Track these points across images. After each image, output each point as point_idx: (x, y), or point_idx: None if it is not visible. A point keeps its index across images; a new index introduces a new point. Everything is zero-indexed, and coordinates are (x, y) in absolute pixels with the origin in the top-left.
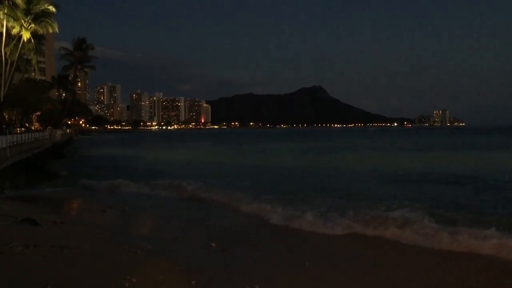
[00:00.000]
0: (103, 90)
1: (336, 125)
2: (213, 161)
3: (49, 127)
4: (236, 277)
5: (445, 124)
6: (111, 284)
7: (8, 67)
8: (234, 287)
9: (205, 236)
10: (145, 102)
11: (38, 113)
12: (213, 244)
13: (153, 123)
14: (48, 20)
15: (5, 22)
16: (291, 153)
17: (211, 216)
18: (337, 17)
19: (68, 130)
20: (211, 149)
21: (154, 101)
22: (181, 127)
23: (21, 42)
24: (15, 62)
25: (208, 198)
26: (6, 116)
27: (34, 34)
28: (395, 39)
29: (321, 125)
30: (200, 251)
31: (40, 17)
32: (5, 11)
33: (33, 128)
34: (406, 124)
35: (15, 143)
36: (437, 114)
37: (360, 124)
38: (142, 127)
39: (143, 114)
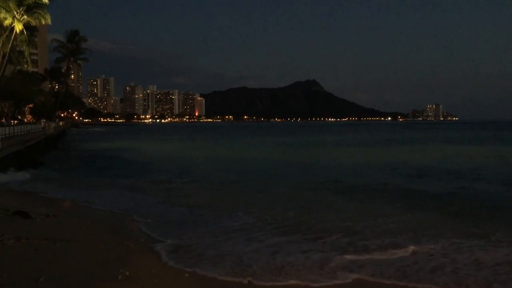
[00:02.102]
0: (97, 82)
1: (330, 119)
2: (198, 155)
3: (43, 119)
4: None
5: (439, 118)
6: (103, 277)
7: (0, 59)
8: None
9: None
10: (139, 95)
11: (31, 105)
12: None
13: (147, 116)
14: (41, 12)
15: None
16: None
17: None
18: (331, 12)
19: (61, 123)
20: (200, 143)
21: (148, 94)
22: (175, 120)
23: (14, 34)
24: (7, 54)
25: None
26: None
27: (26, 25)
28: (389, 34)
29: (315, 119)
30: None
31: (32, 8)
32: None
33: (25, 120)
34: (400, 118)
35: (7, 135)
36: (430, 108)
37: (354, 118)
38: (136, 120)
39: (136, 107)
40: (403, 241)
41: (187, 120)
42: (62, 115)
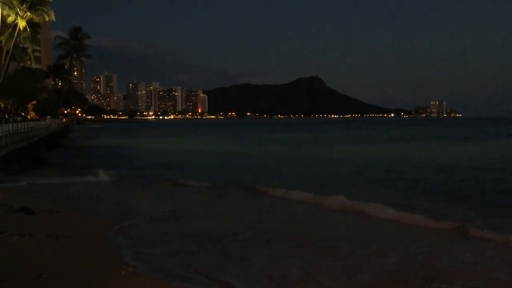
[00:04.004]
0: (100, 79)
1: (333, 116)
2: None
3: (48, 117)
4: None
5: (442, 115)
6: (107, 273)
7: (3, 55)
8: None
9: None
10: (142, 92)
11: (34, 102)
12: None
13: (150, 113)
14: (44, 8)
15: (0, 10)
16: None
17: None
18: (334, 8)
19: (64, 120)
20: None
21: (151, 90)
22: (178, 117)
23: (17, 31)
24: (10, 51)
25: None
26: (2, 105)
27: (29, 22)
28: (392, 30)
29: (318, 115)
30: (198, 239)
31: (36, 5)
32: None
33: (29, 117)
34: (403, 115)
35: (11, 132)
36: (434, 105)
37: (357, 115)
38: (139, 117)
39: (139, 104)
40: None
41: (190, 117)
42: (65, 112)
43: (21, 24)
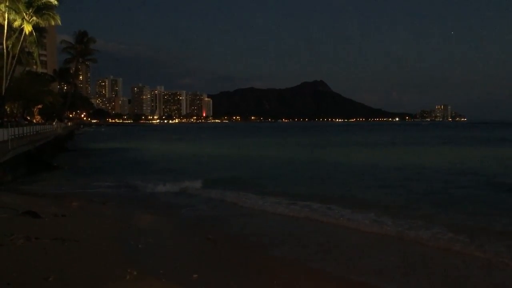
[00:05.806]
0: (105, 83)
1: (337, 120)
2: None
3: (56, 120)
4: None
5: (447, 119)
6: (112, 276)
7: (9, 60)
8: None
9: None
10: (147, 96)
11: (40, 106)
12: (210, 236)
13: (155, 117)
14: (50, 13)
15: (6, 15)
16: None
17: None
18: (339, 12)
19: (69, 123)
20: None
21: (156, 94)
22: (183, 120)
23: (23, 35)
24: (16, 55)
25: None
26: (8, 109)
27: (35, 27)
28: (397, 34)
29: (323, 119)
30: (200, 243)
31: (42, 10)
32: (7, 4)
33: (34, 121)
34: (408, 119)
35: (17, 136)
36: (438, 109)
37: (362, 119)
38: (144, 121)
39: (144, 108)
40: None
41: (195, 121)
42: (71, 115)
43: (27, 28)
